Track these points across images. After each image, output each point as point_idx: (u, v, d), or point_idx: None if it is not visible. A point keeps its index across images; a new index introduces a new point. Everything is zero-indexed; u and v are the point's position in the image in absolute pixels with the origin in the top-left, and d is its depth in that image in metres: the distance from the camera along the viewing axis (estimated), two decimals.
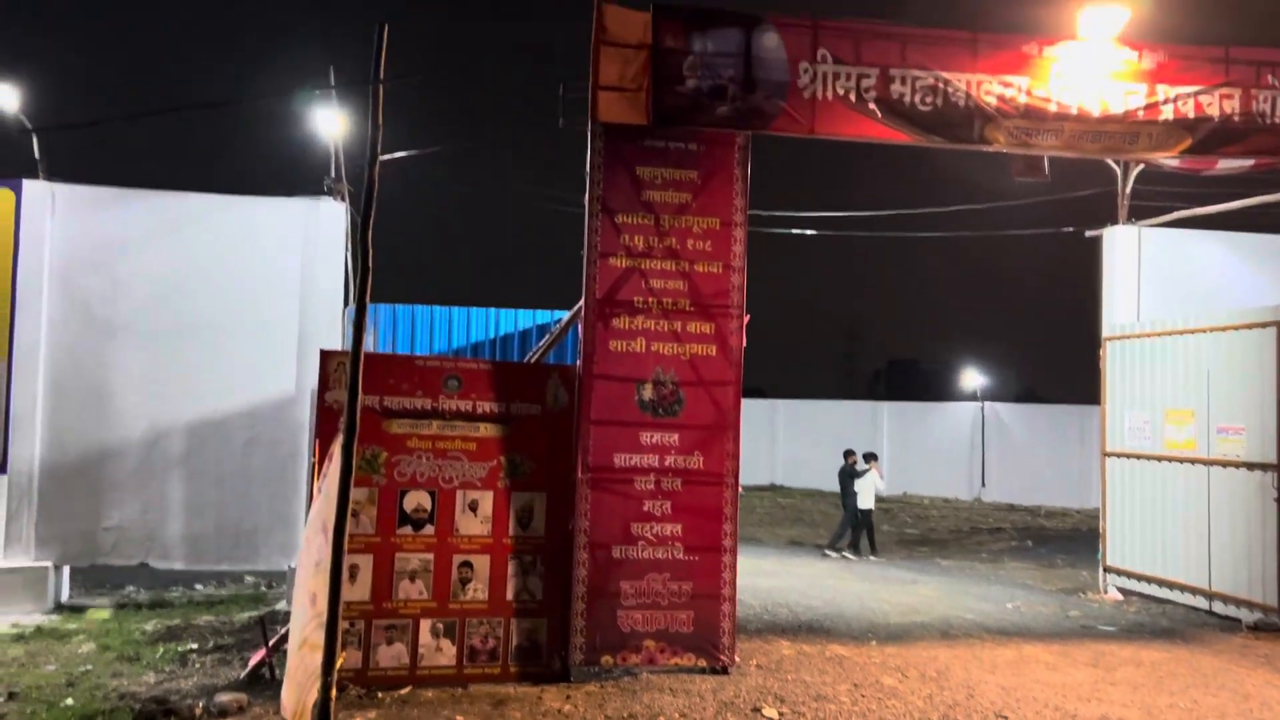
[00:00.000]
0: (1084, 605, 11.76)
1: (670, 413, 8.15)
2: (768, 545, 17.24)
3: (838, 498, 27.21)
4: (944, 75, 8.55)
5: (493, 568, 7.76)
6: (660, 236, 8.19)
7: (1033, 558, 16.61)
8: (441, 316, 11.63)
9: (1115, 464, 12.52)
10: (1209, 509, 11.02)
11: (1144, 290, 12.63)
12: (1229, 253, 12.52)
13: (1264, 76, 8.87)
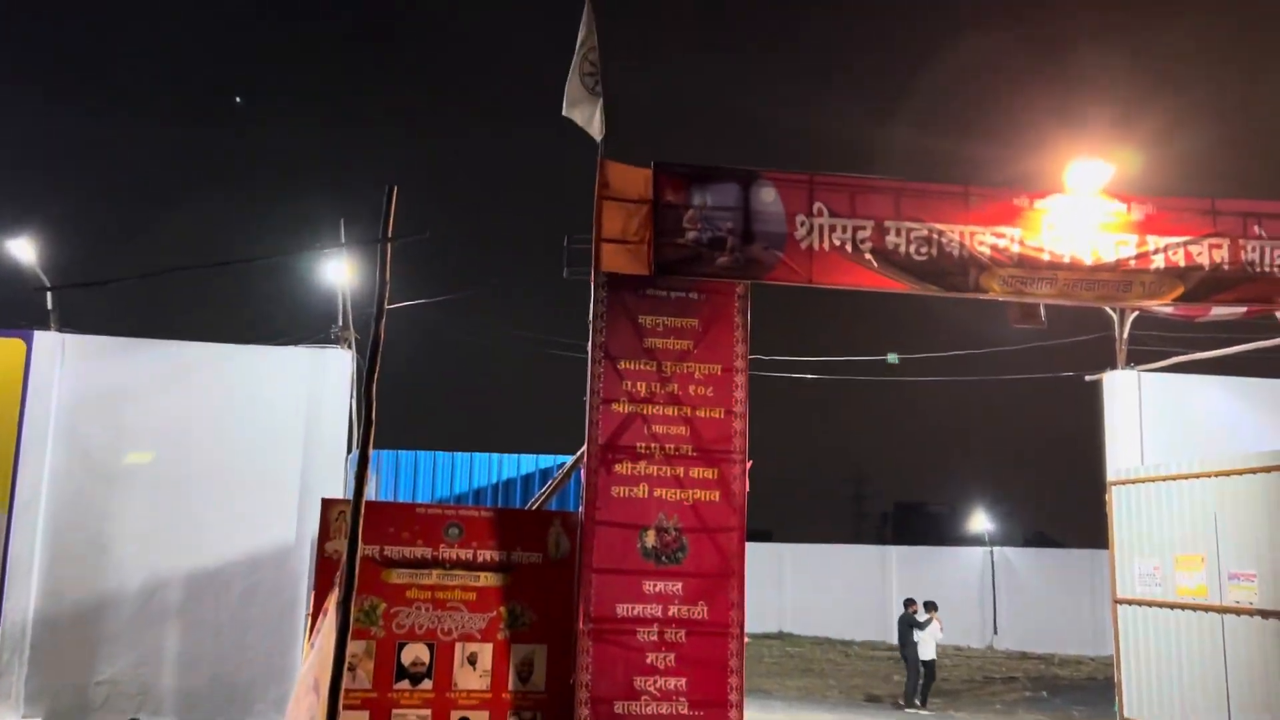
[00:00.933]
0: None
1: (674, 560, 8.06)
2: (775, 697, 16.75)
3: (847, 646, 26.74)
4: (938, 226, 8.77)
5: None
6: (662, 382, 8.27)
7: (1048, 709, 16.12)
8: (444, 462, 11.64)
9: (1127, 611, 12.27)
10: (1225, 658, 10.74)
11: (1146, 434, 12.61)
12: (1229, 397, 12.55)
13: (1251, 227, 9.08)
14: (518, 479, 11.65)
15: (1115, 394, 12.91)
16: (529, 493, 11.45)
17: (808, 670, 21.46)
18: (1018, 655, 25.05)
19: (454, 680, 7.52)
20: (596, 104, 8.43)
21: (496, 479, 11.63)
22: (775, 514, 57.00)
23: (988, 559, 28.26)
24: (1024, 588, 27.13)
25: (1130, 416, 12.71)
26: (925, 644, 16.25)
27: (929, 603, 16.93)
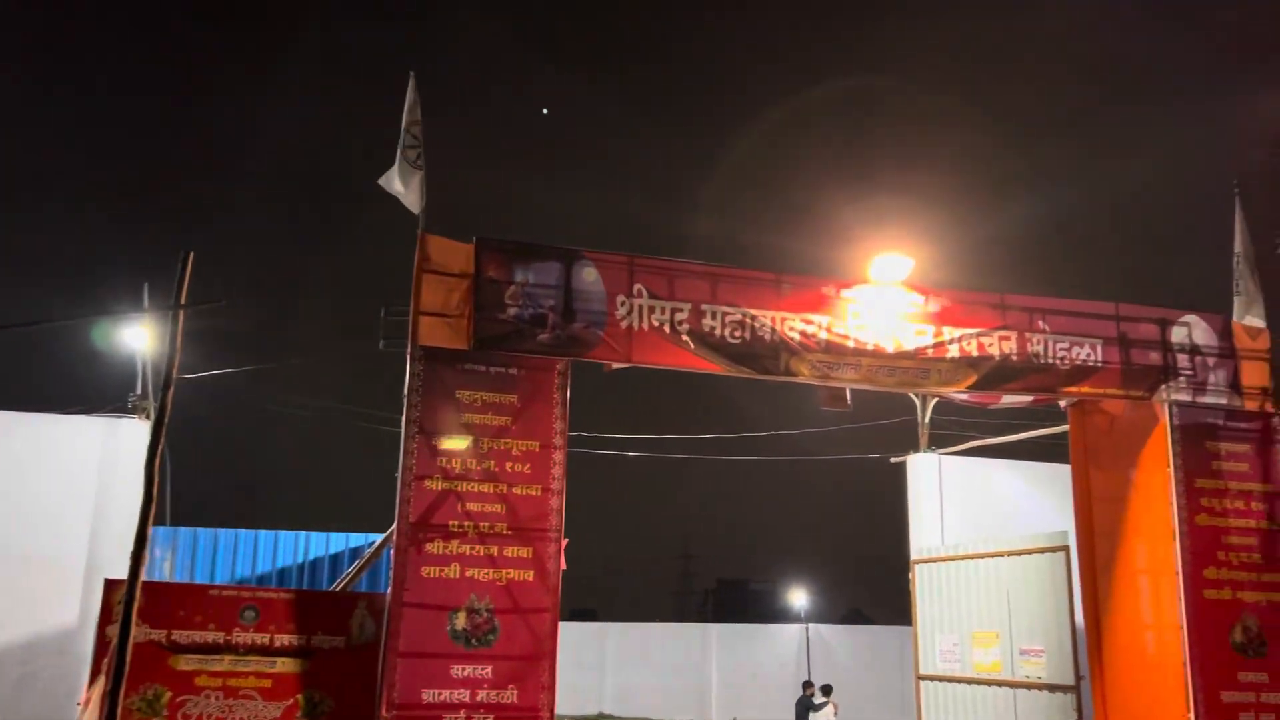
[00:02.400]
0: None
1: (484, 642, 7.87)
2: None
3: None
4: (752, 311, 9.07)
5: None
6: (479, 459, 8.16)
7: None
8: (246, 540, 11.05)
9: (929, 687, 12.70)
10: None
11: (947, 514, 13.24)
12: (1021, 480, 13.34)
13: (1036, 321, 9.76)
14: (325, 558, 11.18)
15: (918, 475, 13.53)
16: (338, 572, 10.99)
17: None
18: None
19: None
20: (417, 177, 8.39)
21: (303, 558, 11.13)
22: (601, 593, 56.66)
23: (804, 636, 28.81)
24: (838, 664, 27.70)
25: (931, 496, 13.33)
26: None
27: (825, 686, 17.01)
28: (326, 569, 11.01)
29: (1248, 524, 9.88)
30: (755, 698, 27.87)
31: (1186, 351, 10.06)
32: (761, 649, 29.18)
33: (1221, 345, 10.19)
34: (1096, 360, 9.83)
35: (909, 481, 13.64)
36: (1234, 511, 9.88)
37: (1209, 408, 10.05)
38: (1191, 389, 9.99)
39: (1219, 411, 10.08)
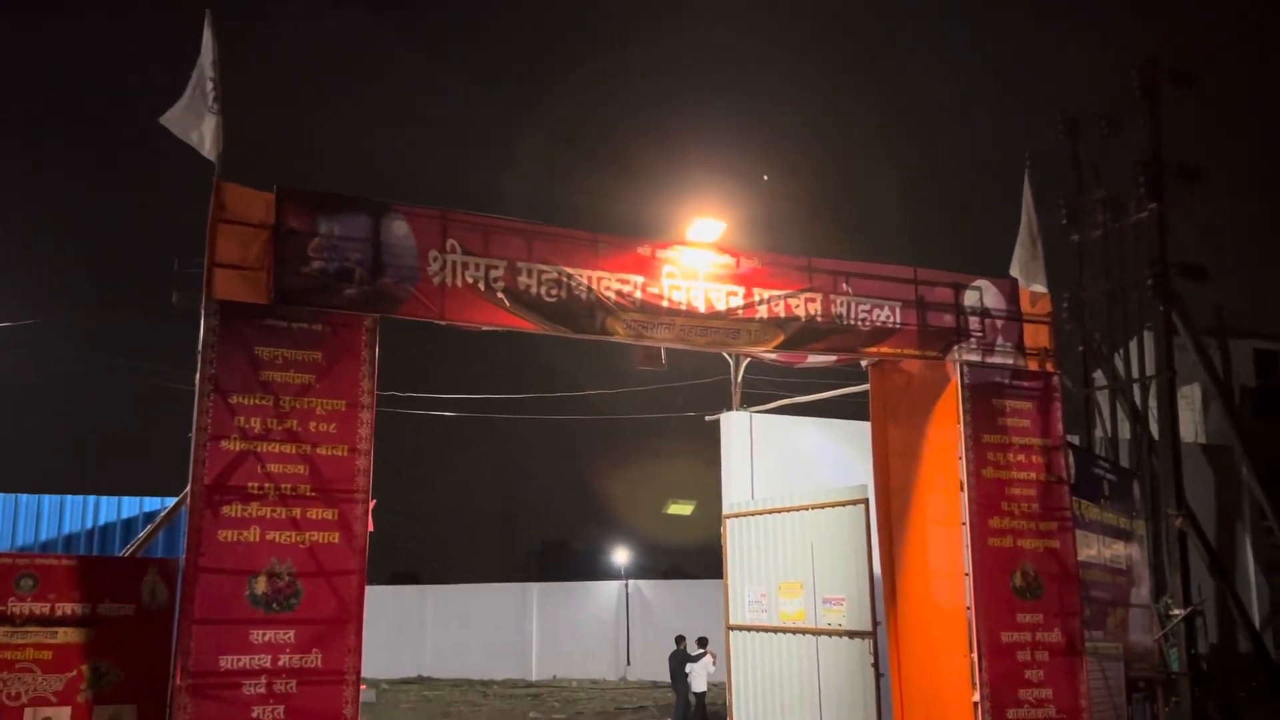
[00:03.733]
0: None
1: (286, 607, 7.63)
2: None
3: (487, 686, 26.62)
4: (568, 270, 9.04)
5: None
6: (280, 419, 7.86)
7: None
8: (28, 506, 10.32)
9: (738, 637, 13.14)
10: (819, 676, 11.76)
11: (757, 470, 13.66)
12: (826, 436, 13.87)
13: (840, 284, 10.12)
14: (117, 524, 10.58)
15: (731, 432, 13.89)
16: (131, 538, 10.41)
17: (444, 715, 21.13)
18: (649, 684, 26.10)
19: None
20: (213, 122, 7.94)
21: (92, 524, 10.50)
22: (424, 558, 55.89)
23: (623, 592, 29.32)
24: (656, 619, 28.37)
25: (743, 454, 13.71)
26: (697, 676, 16.51)
27: (701, 638, 17.08)
28: (119, 535, 10.42)
29: (1028, 476, 10.59)
30: (575, 654, 28.30)
31: (977, 314, 10.64)
32: (582, 606, 29.62)
33: (1009, 309, 10.83)
34: (895, 322, 10.28)
35: (722, 439, 14.00)
36: (1016, 465, 10.56)
37: (996, 367, 10.68)
38: (981, 350, 10.59)
39: (1005, 371, 10.73)
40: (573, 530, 70.16)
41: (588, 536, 64.98)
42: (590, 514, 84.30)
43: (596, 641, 28.66)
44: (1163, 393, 16.22)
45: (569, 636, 28.71)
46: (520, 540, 70.77)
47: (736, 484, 13.74)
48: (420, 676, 28.24)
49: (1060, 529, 10.61)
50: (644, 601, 29.07)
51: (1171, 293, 16.09)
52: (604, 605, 29.32)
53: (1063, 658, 10.29)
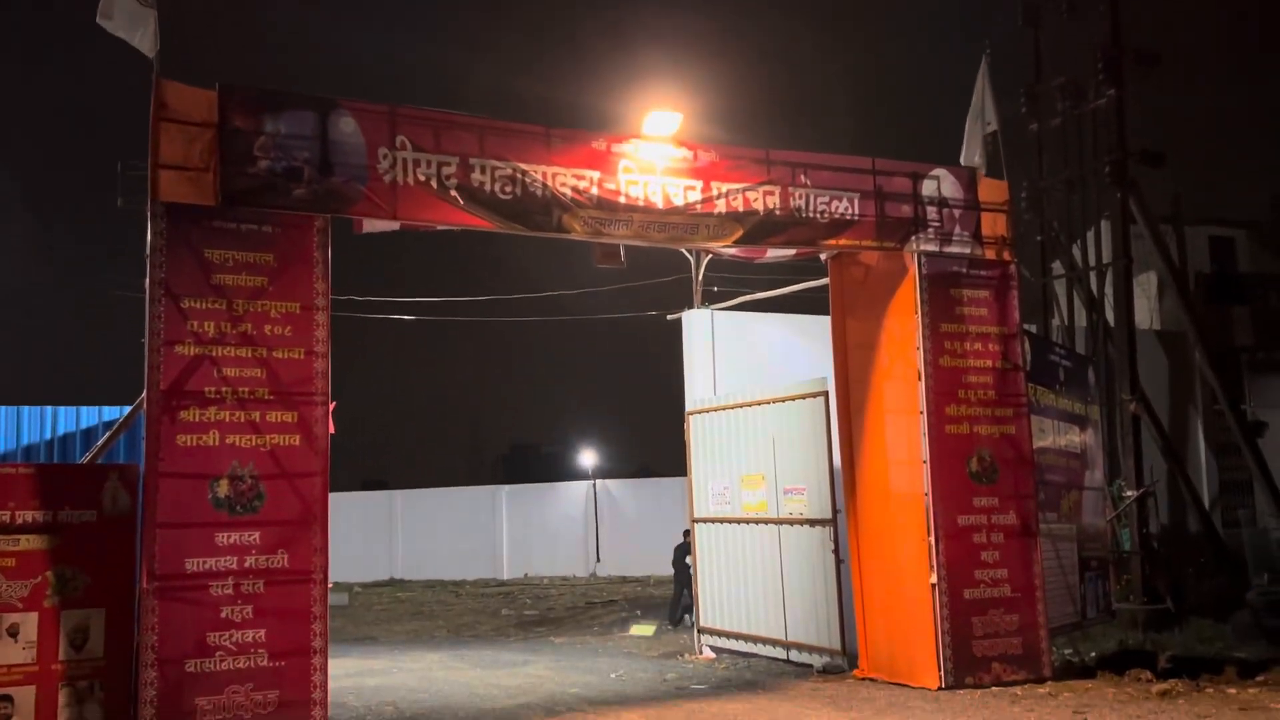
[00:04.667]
0: (681, 667, 12.37)
1: (250, 509, 7.66)
2: (382, 643, 16.61)
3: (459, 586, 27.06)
4: (522, 166, 8.91)
5: (40, 699, 6.84)
6: (234, 322, 7.78)
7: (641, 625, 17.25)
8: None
9: (702, 529, 13.40)
10: (781, 565, 12.05)
11: (719, 367, 13.74)
12: (786, 331, 13.95)
13: (799, 176, 10.06)
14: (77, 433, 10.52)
15: (692, 330, 13.93)
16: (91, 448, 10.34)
17: (418, 614, 21.44)
18: (619, 580, 26.65)
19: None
20: (149, 15, 7.66)
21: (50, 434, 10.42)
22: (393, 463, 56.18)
23: (591, 492, 29.70)
24: (624, 517, 28.85)
25: (705, 351, 13.78)
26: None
27: None
28: (79, 444, 10.36)
29: (985, 364, 10.73)
30: (546, 553, 28.77)
31: (935, 204, 10.64)
32: (551, 506, 30.01)
33: (967, 198, 10.83)
34: (853, 214, 10.27)
35: (684, 337, 14.04)
36: (973, 353, 10.69)
37: (954, 257, 10.72)
38: (938, 240, 10.62)
39: (963, 260, 10.78)
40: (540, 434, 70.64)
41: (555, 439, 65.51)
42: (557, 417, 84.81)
43: (566, 540, 29.12)
44: (1119, 279, 16.38)
45: (539, 536, 29.14)
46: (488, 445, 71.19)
47: (699, 381, 13.83)
48: (392, 579, 28.64)
49: (1016, 415, 10.81)
50: (612, 500, 29.48)
51: (1129, 180, 16.12)
52: (573, 505, 29.72)
53: (1017, 539, 10.59)
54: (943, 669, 10.04)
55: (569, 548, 29.01)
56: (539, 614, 20.45)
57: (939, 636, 10.07)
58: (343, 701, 10.69)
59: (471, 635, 17.23)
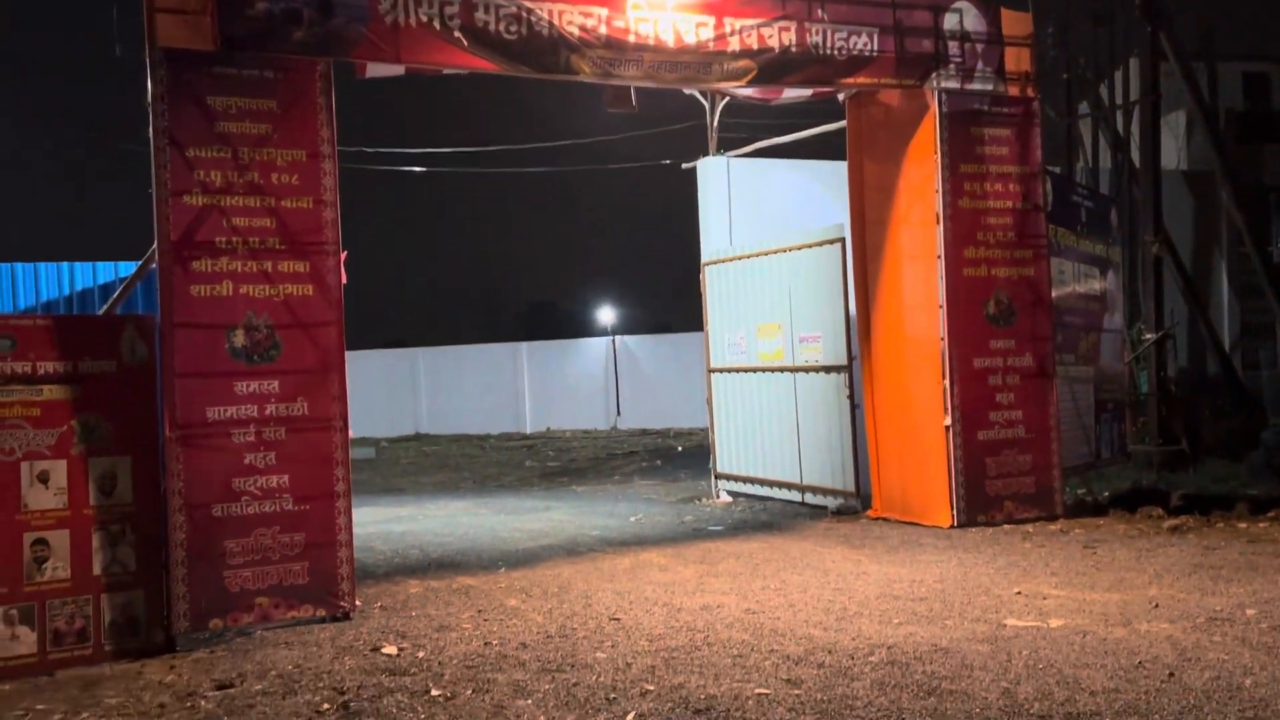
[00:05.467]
0: (698, 511, 12.66)
1: (267, 359, 7.73)
2: (408, 494, 17.04)
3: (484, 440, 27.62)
4: (526, 4, 8.62)
5: (74, 542, 7.04)
6: (240, 171, 7.69)
7: (660, 475, 17.63)
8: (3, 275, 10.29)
9: (718, 379, 13.50)
10: (797, 411, 12.16)
11: (735, 216, 13.59)
12: (804, 178, 13.71)
13: (815, 11, 9.70)
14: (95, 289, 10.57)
15: (708, 179, 13.73)
16: None
17: (444, 466, 21.94)
18: (639, 432, 27.09)
19: (24, 501, 6.88)
20: None
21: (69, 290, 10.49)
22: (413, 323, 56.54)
23: (611, 348, 29.91)
24: (643, 372, 29.12)
25: (721, 200, 13.61)
26: None
27: None
28: (97, 300, 10.42)
29: (1004, 205, 10.55)
30: (566, 408, 29.19)
31: (957, 38, 10.27)
32: (571, 363, 30.30)
33: (990, 31, 10.45)
34: (872, 49, 9.93)
35: (699, 186, 13.85)
36: (993, 194, 10.50)
37: (975, 94, 10.42)
38: (960, 76, 10.30)
39: (984, 98, 10.48)
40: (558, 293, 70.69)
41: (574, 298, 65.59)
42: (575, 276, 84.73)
43: (587, 395, 29.49)
44: (1146, 116, 15.89)
45: (560, 392, 29.51)
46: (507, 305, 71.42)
47: (714, 231, 13.71)
48: (418, 434, 29.21)
49: (1035, 256, 10.69)
50: (631, 356, 29.69)
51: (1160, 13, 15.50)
52: (593, 361, 29.98)
53: (1033, 381, 10.61)
54: (955, 508, 10.21)
55: (590, 402, 29.40)
56: (561, 465, 20.88)
57: (952, 477, 10.21)
58: (370, 546, 11.02)
59: (496, 485, 17.64)
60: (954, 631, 6.61)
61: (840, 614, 7.20)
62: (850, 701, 5.29)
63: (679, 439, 24.87)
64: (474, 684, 5.95)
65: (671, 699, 5.47)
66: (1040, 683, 5.48)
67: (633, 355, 29.68)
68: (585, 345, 31.23)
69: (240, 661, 6.75)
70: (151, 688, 6.31)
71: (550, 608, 7.81)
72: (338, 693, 5.92)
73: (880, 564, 8.88)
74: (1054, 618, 6.86)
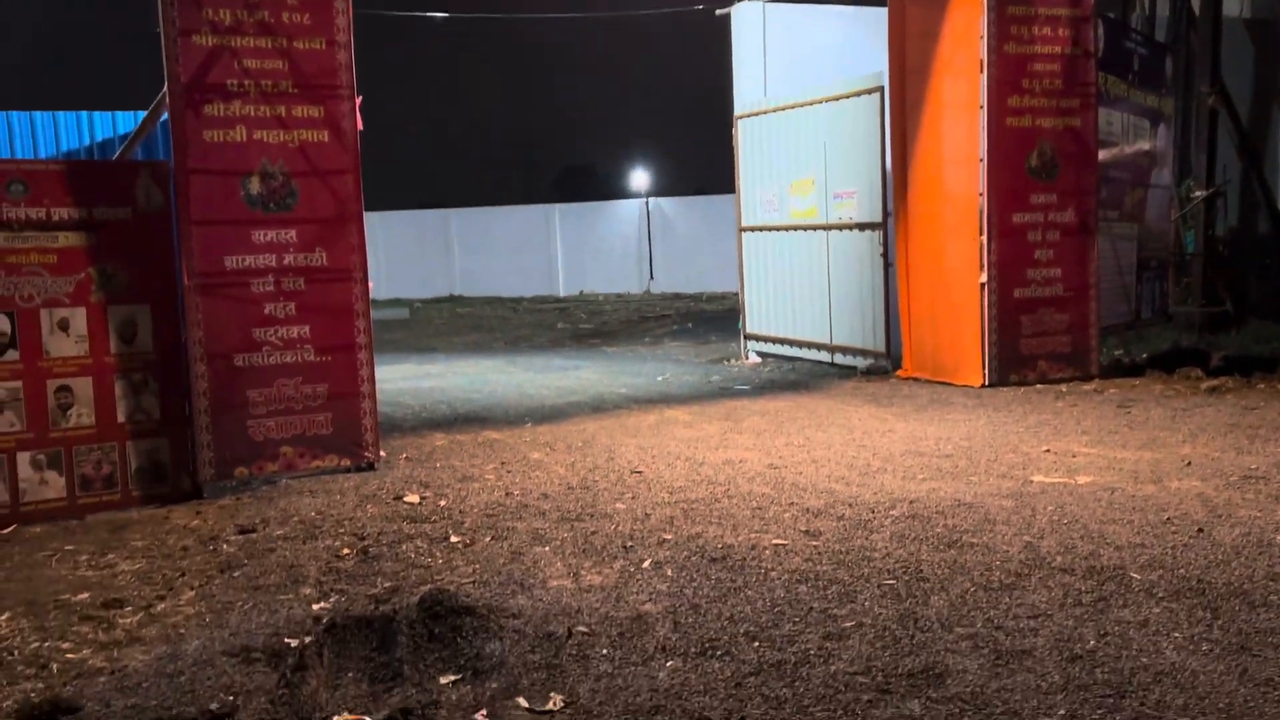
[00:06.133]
0: (726, 371, 12.57)
1: (283, 207, 7.58)
2: (440, 353, 17.09)
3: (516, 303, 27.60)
4: None
5: (97, 390, 7.07)
6: (249, 9, 7.38)
7: (690, 337, 17.54)
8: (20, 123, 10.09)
9: (750, 238, 13.22)
10: (829, 270, 11.90)
11: (770, 66, 13.07)
12: (842, 25, 13.11)
13: None
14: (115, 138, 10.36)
15: (742, 26, 13.17)
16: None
17: (476, 327, 21.98)
18: (672, 296, 26.94)
19: (45, 348, 6.88)
20: None
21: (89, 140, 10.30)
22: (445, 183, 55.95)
23: (644, 210, 29.51)
24: (677, 235, 28.77)
25: (756, 49, 13.07)
26: None
27: None
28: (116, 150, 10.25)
29: (1053, 50, 10.02)
30: (600, 271, 29.03)
31: None
32: (604, 225, 29.97)
33: None
34: None
35: (733, 34, 13.30)
36: (1041, 38, 9.96)
37: None
38: None
39: None
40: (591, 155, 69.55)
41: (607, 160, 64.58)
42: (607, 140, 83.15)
43: (620, 258, 29.28)
44: None
45: (593, 255, 29.30)
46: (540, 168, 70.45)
47: (748, 82, 13.22)
48: (452, 295, 29.26)
49: (1082, 106, 10.21)
50: (665, 219, 29.32)
51: None
52: (626, 224, 29.66)
53: (1074, 237, 10.26)
54: (987, 367, 10.04)
55: (623, 265, 29.20)
56: (593, 327, 20.83)
57: (985, 335, 10.00)
58: (399, 401, 11.07)
59: (527, 346, 17.64)
60: (978, 487, 6.52)
61: (863, 470, 7.13)
62: (868, 553, 5.24)
63: (711, 302, 24.70)
64: (493, 531, 5.96)
65: (688, 548, 5.44)
66: (1064, 537, 5.39)
67: (666, 218, 29.30)
68: (618, 208, 30.85)
69: (264, 508, 6.82)
70: (176, 531, 6.40)
71: (573, 461, 7.80)
72: (358, 538, 5.96)
73: (907, 422, 8.77)
74: (1082, 474, 6.74)
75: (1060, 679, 3.65)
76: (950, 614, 4.34)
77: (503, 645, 4.14)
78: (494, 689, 3.80)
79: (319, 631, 4.31)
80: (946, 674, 3.72)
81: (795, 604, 4.53)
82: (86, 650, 4.37)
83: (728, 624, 4.32)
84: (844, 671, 3.79)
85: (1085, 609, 4.35)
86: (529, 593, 4.82)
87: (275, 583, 5.18)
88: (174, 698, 3.79)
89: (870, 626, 4.24)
